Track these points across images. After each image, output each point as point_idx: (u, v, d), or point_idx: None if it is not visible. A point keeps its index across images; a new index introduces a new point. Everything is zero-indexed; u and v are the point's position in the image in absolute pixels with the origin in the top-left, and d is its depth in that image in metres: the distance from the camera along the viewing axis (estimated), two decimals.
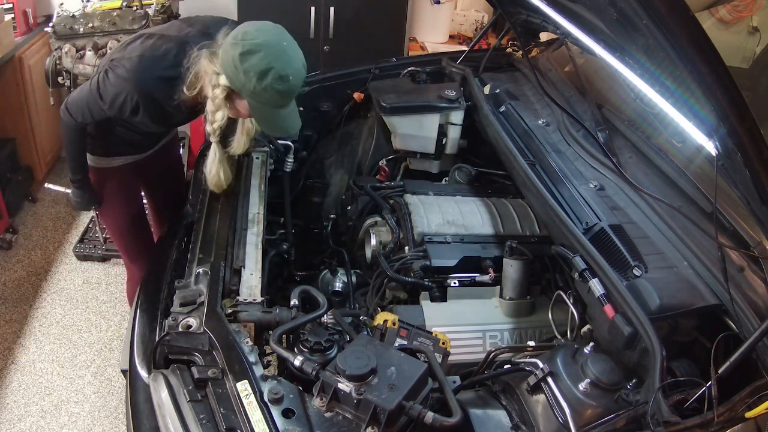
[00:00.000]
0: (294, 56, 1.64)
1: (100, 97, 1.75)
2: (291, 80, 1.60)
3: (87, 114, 1.82)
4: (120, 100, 1.72)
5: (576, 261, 1.51)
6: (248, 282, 1.60)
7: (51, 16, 3.05)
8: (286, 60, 1.60)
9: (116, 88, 1.72)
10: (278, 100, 1.64)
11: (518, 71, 2.59)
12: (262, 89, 1.59)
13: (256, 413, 1.17)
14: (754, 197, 1.26)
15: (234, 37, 1.61)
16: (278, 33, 1.66)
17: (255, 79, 1.57)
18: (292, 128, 1.78)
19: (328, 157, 2.71)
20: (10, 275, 3.15)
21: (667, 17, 1.18)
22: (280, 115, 1.69)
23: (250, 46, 1.58)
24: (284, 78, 1.59)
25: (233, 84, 1.64)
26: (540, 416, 1.29)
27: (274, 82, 1.58)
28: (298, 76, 1.64)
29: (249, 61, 1.57)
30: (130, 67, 1.70)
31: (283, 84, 1.59)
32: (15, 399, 2.51)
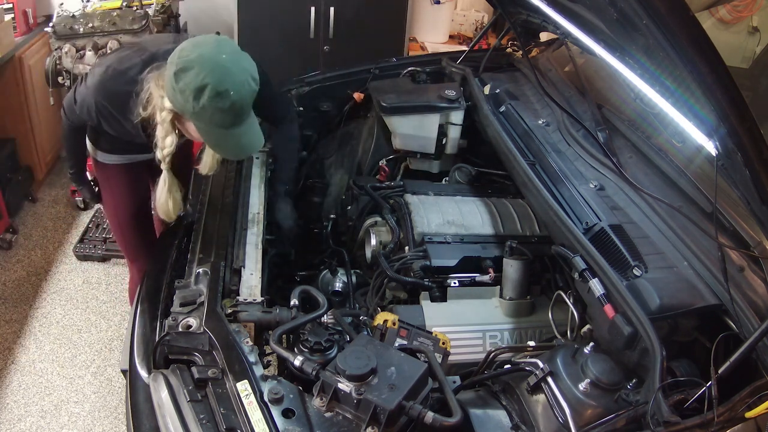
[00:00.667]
0: (234, 69, 1.47)
1: (75, 101, 1.80)
2: (232, 95, 1.45)
3: (72, 115, 1.86)
4: (84, 107, 1.76)
5: (576, 261, 1.51)
6: (248, 282, 1.61)
7: (51, 16, 3.06)
8: (223, 74, 1.44)
9: (81, 95, 1.76)
10: (224, 119, 1.49)
11: (518, 71, 2.59)
12: (201, 109, 1.45)
13: (256, 413, 1.18)
14: (754, 197, 1.26)
15: (172, 56, 1.50)
16: (216, 45, 1.50)
17: (191, 98, 1.44)
18: (249, 149, 1.64)
19: (328, 157, 2.71)
20: (10, 275, 3.15)
21: (667, 17, 1.18)
22: (233, 136, 1.54)
23: (184, 63, 1.45)
24: (223, 94, 1.44)
25: (175, 106, 1.52)
26: (540, 416, 1.29)
27: (211, 100, 1.44)
28: (242, 90, 1.47)
29: (183, 79, 1.44)
30: (95, 76, 1.71)
31: (222, 101, 1.44)
32: (15, 399, 2.51)
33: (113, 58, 1.75)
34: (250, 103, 1.53)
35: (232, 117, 1.49)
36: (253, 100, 1.54)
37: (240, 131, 1.54)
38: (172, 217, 1.74)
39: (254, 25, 3.62)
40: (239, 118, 1.51)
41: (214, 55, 1.46)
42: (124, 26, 2.94)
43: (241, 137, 1.56)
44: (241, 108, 1.49)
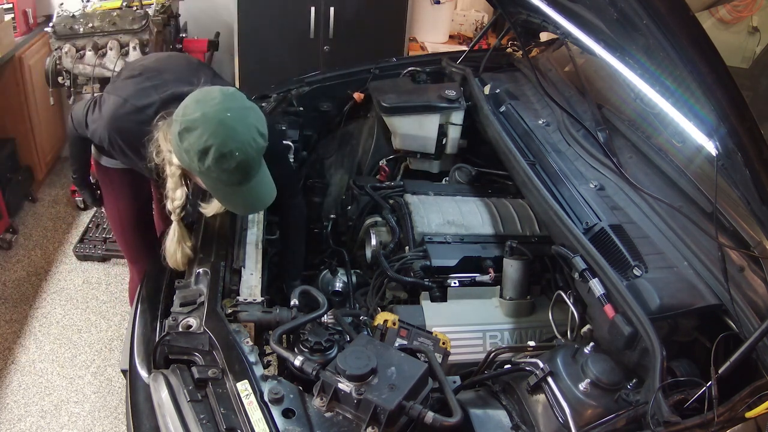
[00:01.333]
0: (240, 127, 1.42)
1: (86, 125, 1.78)
2: (237, 156, 1.40)
3: (81, 129, 1.85)
4: (96, 136, 1.75)
5: (576, 261, 1.51)
6: (248, 282, 1.61)
7: (51, 16, 3.05)
8: (227, 134, 1.39)
9: (94, 123, 1.75)
10: (231, 178, 1.45)
11: (518, 71, 2.59)
12: (207, 169, 1.41)
13: (256, 413, 1.18)
14: (754, 197, 1.26)
15: (176, 113, 1.46)
16: (221, 101, 1.44)
17: (196, 159, 1.41)
18: (259, 205, 1.60)
19: (328, 157, 2.71)
20: (10, 275, 3.15)
21: (667, 17, 1.18)
22: (242, 192, 1.50)
23: (187, 123, 1.41)
24: (227, 155, 1.39)
25: (182, 164, 1.49)
26: (540, 416, 1.29)
27: (216, 162, 1.40)
28: (247, 150, 1.42)
29: (187, 139, 1.41)
30: (110, 106, 1.68)
31: (227, 162, 1.40)
32: (15, 399, 2.51)
33: (132, 89, 1.68)
34: (259, 160, 1.48)
35: (240, 176, 1.45)
36: (262, 154, 1.49)
37: (249, 187, 1.50)
38: (180, 267, 1.64)
39: (254, 25, 3.62)
40: (247, 176, 1.47)
41: (217, 113, 1.41)
42: (124, 26, 2.94)
43: (250, 193, 1.52)
44: (247, 166, 1.44)
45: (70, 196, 3.74)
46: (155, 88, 1.67)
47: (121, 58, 2.95)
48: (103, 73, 2.97)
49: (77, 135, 1.92)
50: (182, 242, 1.62)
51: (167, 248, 1.63)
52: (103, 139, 1.73)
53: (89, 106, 1.79)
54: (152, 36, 2.97)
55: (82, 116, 1.82)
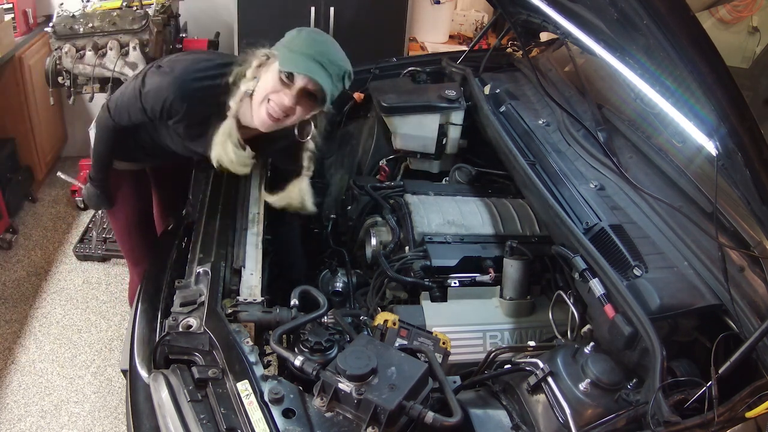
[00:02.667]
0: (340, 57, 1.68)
1: (140, 95, 1.71)
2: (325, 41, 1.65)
3: (125, 114, 1.79)
4: (159, 102, 1.68)
5: (576, 261, 1.51)
6: (248, 282, 1.60)
7: (51, 16, 3.04)
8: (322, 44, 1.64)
9: (156, 86, 1.68)
10: (308, 48, 1.60)
11: (518, 71, 2.59)
12: (297, 35, 1.63)
13: (256, 413, 1.17)
14: (755, 197, 1.26)
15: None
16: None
17: (294, 32, 1.64)
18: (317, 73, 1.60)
19: (328, 157, 2.71)
20: (10, 275, 3.15)
21: (667, 17, 1.18)
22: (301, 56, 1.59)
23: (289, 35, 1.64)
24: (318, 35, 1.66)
25: (275, 47, 1.65)
26: (540, 416, 1.29)
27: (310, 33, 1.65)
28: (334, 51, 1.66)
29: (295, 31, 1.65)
30: (173, 67, 1.69)
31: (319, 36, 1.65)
32: (15, 399, 2.51)
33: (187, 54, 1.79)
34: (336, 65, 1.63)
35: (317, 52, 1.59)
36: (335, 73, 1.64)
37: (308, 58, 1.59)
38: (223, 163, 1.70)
39: (254, 25, 3.62)
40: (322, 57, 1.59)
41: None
42: (124, 26, 2.93)
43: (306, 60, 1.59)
44: (326, 53, 1.62)
45: (70, 196, 3.74)
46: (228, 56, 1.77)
47: (121, 58, 2.94)
48: (103, 73, 2.96)
49: (114, 126, 1.84)
50: (228, 139, 1.67)
51: (214, 140, 1.68)
52: (173, 105, 1.67)
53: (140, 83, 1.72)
54: (152, 36, 2.97)
55: (127, 99, 1.75)
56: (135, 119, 1.78)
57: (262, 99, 1.63)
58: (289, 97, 1.60)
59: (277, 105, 1.61)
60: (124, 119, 1.80)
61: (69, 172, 3.01)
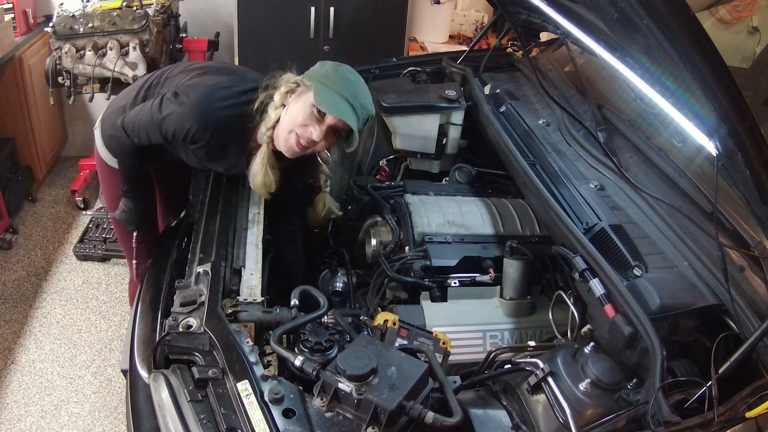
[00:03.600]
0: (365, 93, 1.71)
1: (160, 122, 1.70)
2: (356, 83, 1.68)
3: (144, 136, 1.76)
4: (181, 131, 1.69)
5: (576, 261, 1.51)
6: (248, 282, 1.60)
7: (51, 16, 3.04)
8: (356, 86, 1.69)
9: (178, 116, 1.68)
10: (341, 87, 1.65)
11: (518, 71, 2.59)
12: (333, 70, 1.67)
13: (256, 413, 1.17)
14: (755, 197, 1.26)
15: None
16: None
17: (330, 66, 1.69)
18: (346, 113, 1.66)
19: None
20: (10, 275, 3.15)
21: (667, 17, 1.18)
22: (338, 99, 1.65)
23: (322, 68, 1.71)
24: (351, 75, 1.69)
25: (305, 75, 1.70)
26: (540, 416, 1.29)
27: (345, 72, 1.69)
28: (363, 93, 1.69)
29: (327, 64, 1.71)
30: (197, 98, 1.67)
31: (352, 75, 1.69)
32: (15, 399, 2.51)
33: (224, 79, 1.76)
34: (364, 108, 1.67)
35: (348, 92, 1.64)
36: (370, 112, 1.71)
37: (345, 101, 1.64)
38: (261, 191, 1.82)
39: (254, 25, 3.62)
40: (352, 98, 1.64)
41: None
42: (124, 26, 2.93)
43: (343, 103, 1.65)
44: (357, 93, 1.66)
45: (70, 196, 3.74)
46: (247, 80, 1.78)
47: (121, 58, 2.94)
48: (103, 73, 2.97)
49: (131, 145, 1.81)
50: (267, 166, 1.75)
51: (252, 168, 1.77)
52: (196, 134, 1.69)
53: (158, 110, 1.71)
54: (152, 36, 2.97)
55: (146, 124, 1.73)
56: (154, 140, 1.77)
57: (290, 129, 1.70)
58: (318, 131, 1.68)
59: (305, 138, 1.69)
60: (143, 140, 1.78)
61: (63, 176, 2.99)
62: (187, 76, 1.80)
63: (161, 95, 1.74)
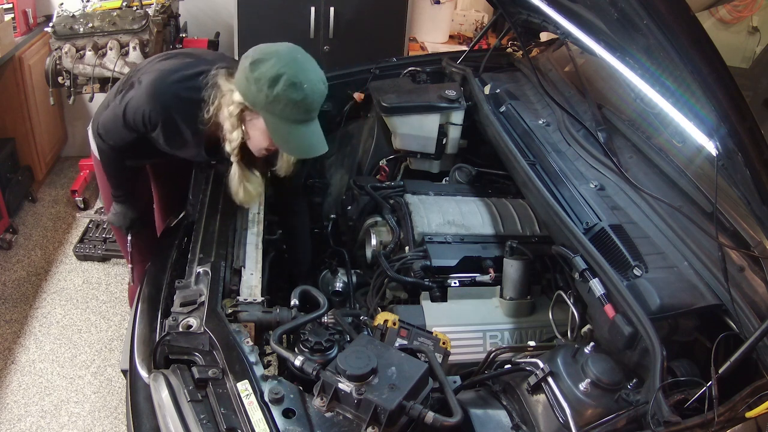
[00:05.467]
0: (310, 68, 1.54)
1: (123, 114, 1.71)
2: (306, 89, 1.49)
3: (116, 136, 1.79)
4: (138, 114, 1.68)
5: (576, 261, 1.51)
6: (248, 282, 1.61)
7: (51, 16, 3.04)
8: (300, 68, 1.51)
9: (135, 101, 1.69)
10: (294, 113, 1.51)
11: (518, 71, 2.59)
12: (275, 98, 1.49)
13: (256, 413, 1.18)
14: (755, 197, 1.26)
15: (246, 53, 1.56)
16: (293, 47, 1.59)
17: (266, 87, 1.48)
18: (315, 149, 1.60)
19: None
20: (10, 275, 3.15)
21: (667, 17, 1.18)
22: (300, 133, 1.56)
23: (261, 55, 1.52)
24: (297, 85, 1.48)
25: (246, 98, 1.55)
26: (540, 416, 1.30)
27: (286, 90, 1.48)
28: (315, 89, 1.52)
29: (259, 68, 1.50)
30: (149, 80, 1.66)
31: (296, 92, 1.48)
32: (15, 399, 2.51)
33: (175, 63, 1.71)
34: (320, 104, 1.56)
35: (303, 112, 1.52)
36: (322, 102, 1.57)
37: (308, 130, 1.56)
38: (245, 204, 1.78)
39: (254, 25, 3.62)
40: (309, 115, 1.54)
41: (290, 52, 1.55)
42: (124, 26, 2.93)
43: (308, 136, 1.57)
44: (312, 104, 1.53)
45: (70, 196, 3.74)
46: (200, 62, 1.71)
47: (121, 58, 2.94)
48: (103, 73, 2.97)
49: (111, 147, 1.83)
50: (243, 181, 1.72)
51: (231, 187, 1.73)
52: (153, 112, 1.66)
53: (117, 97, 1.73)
54: (152, 36, 2.97)
55: (112, 121, 1.75)
56: (127, 137, 1.78)
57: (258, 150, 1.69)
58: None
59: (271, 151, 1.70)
60: (118, 140, 1.81)
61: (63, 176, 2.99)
62: (148, 64, 1.81)
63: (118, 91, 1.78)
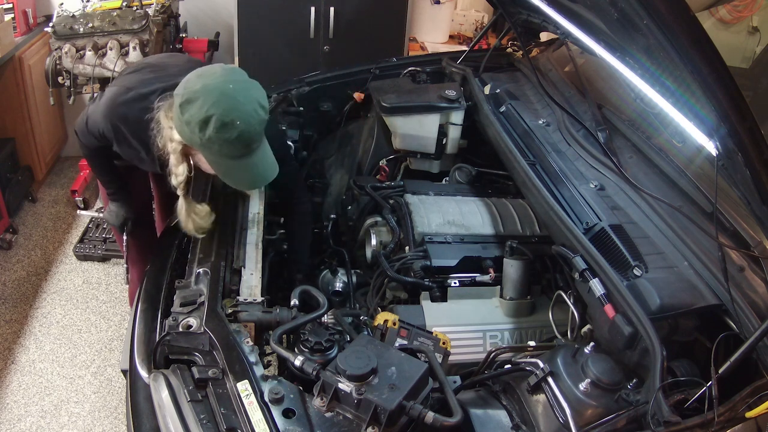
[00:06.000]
0: (241, 98, 1.44)
1: (87, 126, 1.78)
2: (239, 125, 1.41)
3: (90, 139, 1.82)
4: (96, 126, 1.73)
5: (576, 261, 1.51)
6: (248, 282, 1.61)
7: (51, 16, 3.04)
8: (229, 104, 1.41)
9: (94, 113, 1.74)
10: (232, 150, 1.46)
11: (518, 71, 2.59)
12: (208, 140, 1.42)
13: (256, 413, 1.18)
14: (755, 197, 1.26)
15: (177, 88, 1.48)
16: (222, 75, 1.47)
17: (197, 130, 1.42)
18: (261, 179, 1.60)
19: (328, 157, 2.71)
20: (10, 275, 3.15)
21: (667, 17, 1.18)
22: (244, 166, 1.51)
23: (189, 95, 1.43)
24: (228, 125, 1.40)
25: (183, 138, 1.49)
26: (540, 416, 1.30)
27: (218, 131, 1.40)
28: (249, 120, 1.43)
29: (188, 110, 1.42)
30: (111, 94, 1.69)
31: (228, 131, 1.41)
32: (15, 399, 2.51)
33: (135, 79, 1.70)
34: (260, 133, 1.49)
35: (241, 147, 1.46)
36: (263, 127, 1.50)
37: (251, 161, 1.51)
38: (196, 234, 1.70)
39: (254, 25, 3.62)
40: (248, 148, 1.48)
41: (219, 85, 1.43)
42: (124, 26, 2.93)
43: (252, 168, 1.53)
44: (249, 138, 1.45)
45: (70, 196, 3.74)
46: (158, 79, 1.69)
47: (121, 58, 2.94)
48: (103, 73, 2.97)
49: (88, 147, 1.88)
50: (191, 214, 1.66)
51: (180, 219, 1.69)
52: (106, 129, 1.70)
53: (88, 105, 1.80)
54: (152, 36, 2.97)
55: (82, 120, 1.80)
56: (95, 143, 1.83)
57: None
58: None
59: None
60: (89, 144, 1.85)
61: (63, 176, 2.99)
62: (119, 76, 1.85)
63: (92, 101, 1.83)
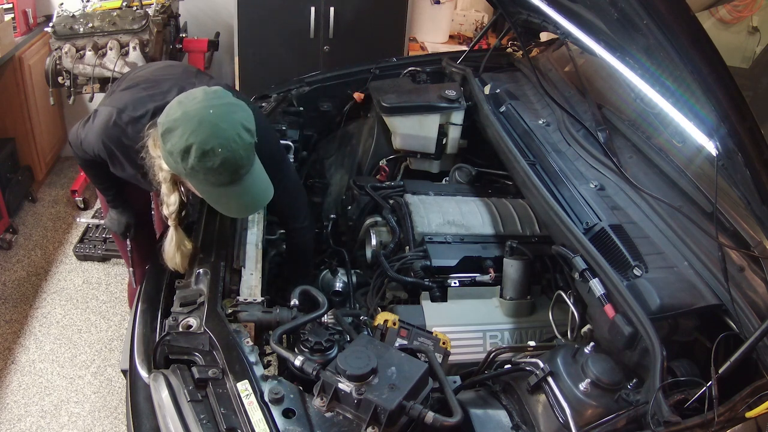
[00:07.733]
0: (223, 124, 1.37)
1: (80, 143, 1.76)
2: (220, 152, 1.34)
3: (79, 150, 1.81)
4: (90, 147, 1.72)
5: (576, 261, 1.51)
6: (248, 282, 1.61)
7: (51, 16, 3.05)
8: (209, 131, 1.35)
9: (87, 135, 1.72)
10: (218, 178, 1.39)
11: (518, 71, 2.59)
12: (191, 169, 1.37)
13: (256, 413, 1.17)
14: (755, 197, 1.26)
15: (160, 117, 1.44)
16: (203, 100, 1.40)
17: (180, 160, 1.36)
18: (252, 206, 1.56)
19: (328, 157, 2.71)
20: (10, 275, 3.15)
21: (667, 17, 1.18)
22: (233, 194, 1.45)
23: (169, 124, 1.38)
24: (209, 153, 1.34)
25: (169, 167, 1.45)
26: (540, 416, 1.30)
27: (199, 160, 1.35)
28: (231, 146, 1.36)
29: (170, 140, 1.37)
30: (104, 116, 1.65)
31: (210, 159, 1.34)
32: (15, 399, 2.51)
33: (128, 99, 1.66)
34: (247, 157, 1.41)
35: (227, 174, 1.39)
36: (251, 151, 1.43)
37: (240, 188, 1.44)
38: (180, 269, 1.61)
39: (254, 25, 3.62)
40: (236, 174, 1.41)
41: (199, 111, 1.37)
42: (124, 26, 2.94)
43: (242, 195, 1.47)
44: (234, 164, 1.38)
45: (70, 196, 3.74)
46: (151, 98, 1.64)
47: (121, 58, 2.95)
48: (103, 73, 2.97)
49: (83, 157, 1.85)
50: (180, 246, 1.60)
51: (166, 252, 1.61)
52: (99, 151, 1.70)
53: (83, 121, 1.76)
54: (152, 36, 2.97)
55: (76, 134, 1.78)
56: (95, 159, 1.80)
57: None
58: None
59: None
60: (87, 156, 1.82)
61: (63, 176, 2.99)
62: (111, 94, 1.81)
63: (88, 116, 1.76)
